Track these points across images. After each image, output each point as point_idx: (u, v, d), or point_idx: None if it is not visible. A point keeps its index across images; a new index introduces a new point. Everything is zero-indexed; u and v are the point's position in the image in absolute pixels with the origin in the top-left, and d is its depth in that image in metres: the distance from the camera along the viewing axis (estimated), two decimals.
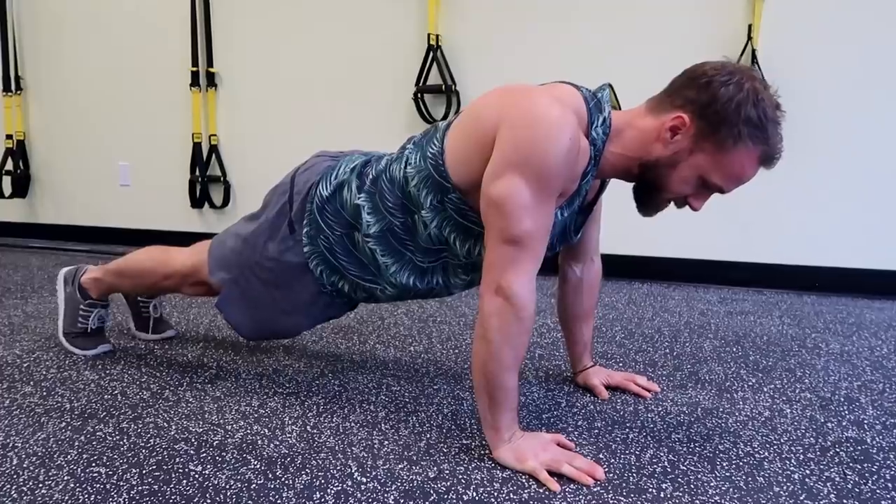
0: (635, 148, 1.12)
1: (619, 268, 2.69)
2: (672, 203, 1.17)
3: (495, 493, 1.02)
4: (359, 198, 1.26)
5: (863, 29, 2.40)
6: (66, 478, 1.05)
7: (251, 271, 1.37)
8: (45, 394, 1.40)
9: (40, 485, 1.03)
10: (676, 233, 2.71)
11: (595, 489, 1.04)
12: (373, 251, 1.27)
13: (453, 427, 1.26)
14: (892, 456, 1.17)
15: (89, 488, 1.02)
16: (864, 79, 2.43)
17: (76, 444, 1.17)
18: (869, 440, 1.23)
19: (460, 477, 1.07)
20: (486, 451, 1.15)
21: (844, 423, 1.31)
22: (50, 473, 1.07)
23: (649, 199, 1.17)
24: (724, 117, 1.03)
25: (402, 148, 1.28)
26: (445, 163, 1.14)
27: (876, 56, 2.40)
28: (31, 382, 1.46)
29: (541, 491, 1.03)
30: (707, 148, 1.06)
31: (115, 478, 1.06)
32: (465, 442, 1.20)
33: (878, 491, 1.05)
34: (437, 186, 1.16)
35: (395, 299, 1.37)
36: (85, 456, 1.13)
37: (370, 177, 1.27)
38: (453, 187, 1.14)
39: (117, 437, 1.20)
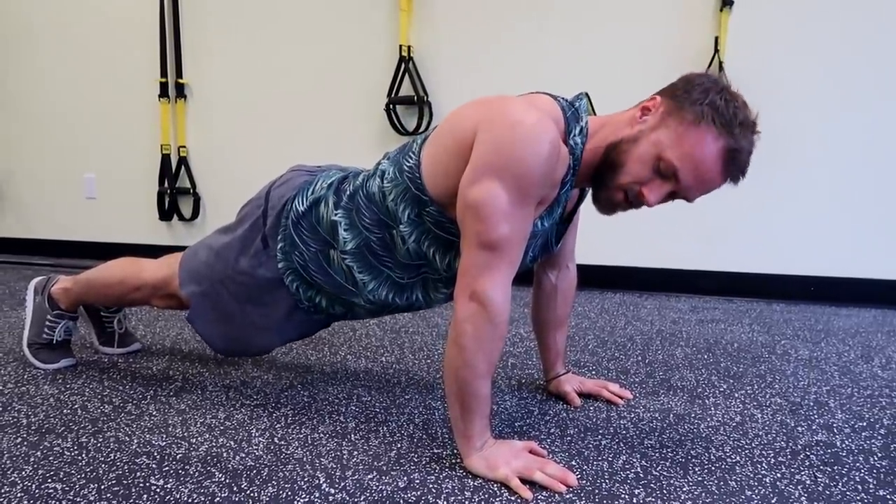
0: (609, 136, 1.11)
1: (593, 278, 2.70)
2: (626, 198, 1.10)
3: (466, 503, 1.00)
4: (335, 214, 1.24)
5: (827, 40, 2.46)
6: (19, 494, 1.01)
7: (222, 285, 1.34)
8: (0, 409, 1.35)
9: None
10: (649, 243, 2.74)
11: (567, 496, 1.02)
12: (350, 268, 1.24)
13: (424, 436, 1.24)
14: (860, 458, 1.17)
15: None
16: (828, 89, 2.48)
17: (31, 459, 1.13)
18: (838, 443, 1.24)
19: (431, 486, 1.05)
20: (458, 460, 1.13)
21: (814, 427, 1.31)
22: (2, 491, 1.02)
23: (603, 185, 1.11)
24: (691, 96, 1.04)
25: (377, 164, 1.26)
26: (422, 175, 1.13)
27: (841, 67, 2.46)
28: None
29: (512, 499, 1.01)
30: (670, 124, 1.05)
31: (71, 493, 1.01)
32: (436, 451, 1.18)
33: (847, 493, 1.05)
34: (414, 199, 1.15)
35: (375, 314, 1.35)
36: (41, 472, 1.08)
37: (347, 193, 1.25)
38: (431, 200, 1.13)
39: (75, 452, 1.15)
